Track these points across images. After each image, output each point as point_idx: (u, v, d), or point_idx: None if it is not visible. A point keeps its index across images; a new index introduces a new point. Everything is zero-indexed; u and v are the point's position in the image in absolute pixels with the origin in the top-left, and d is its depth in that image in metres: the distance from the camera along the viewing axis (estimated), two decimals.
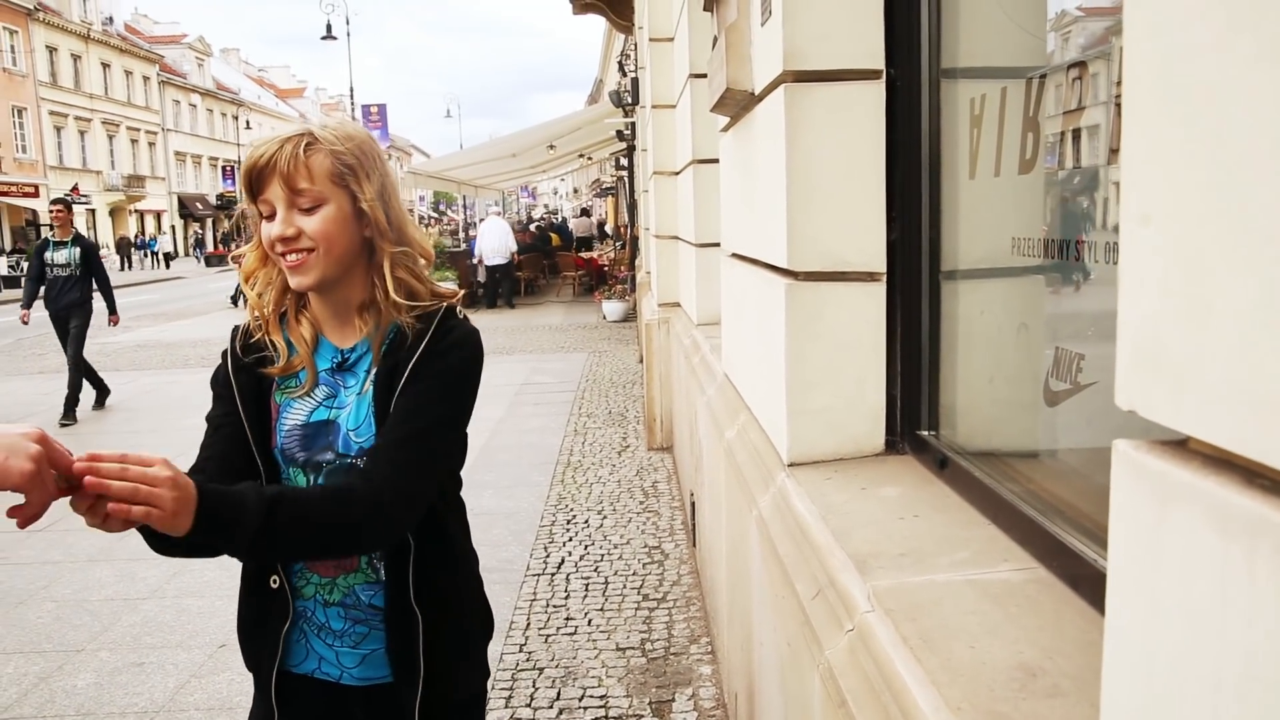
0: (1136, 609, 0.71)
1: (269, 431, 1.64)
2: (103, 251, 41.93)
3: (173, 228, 52.74)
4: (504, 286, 18.97)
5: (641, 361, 9.07)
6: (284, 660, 1.69)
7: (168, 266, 42.29)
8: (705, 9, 2.85)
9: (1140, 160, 0.70)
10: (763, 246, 2.46)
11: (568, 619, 4.14)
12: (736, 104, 2.66)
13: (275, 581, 1.65)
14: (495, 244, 18.38)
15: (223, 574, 4.78)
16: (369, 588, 1.66)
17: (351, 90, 38.30)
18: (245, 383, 1.64)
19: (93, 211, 46.11)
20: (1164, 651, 0.67)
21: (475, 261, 19.27)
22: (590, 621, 4.11)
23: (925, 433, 2.17)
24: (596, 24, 14.97)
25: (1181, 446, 0.67)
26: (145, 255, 42.34)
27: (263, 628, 1.69)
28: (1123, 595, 0.73)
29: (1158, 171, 0.68)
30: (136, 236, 45.48)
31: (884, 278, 2.17)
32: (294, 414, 1.63)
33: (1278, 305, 0.57)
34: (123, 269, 40.11)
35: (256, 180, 1.54)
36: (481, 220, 22.47)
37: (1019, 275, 1.74)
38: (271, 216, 1.55)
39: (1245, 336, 0.59)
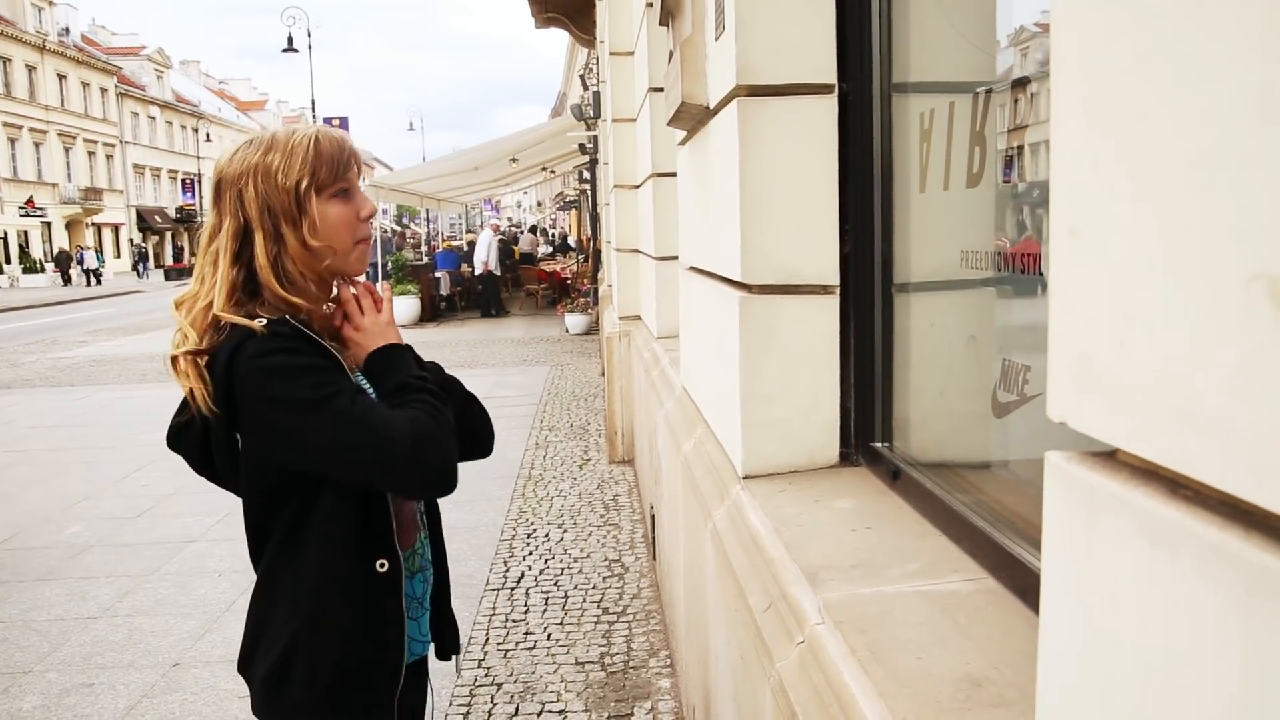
0: (1068, 618, 0.71)
1: None
2: (50, 268, 40.96)
3: (130, 241, 52.02)
4: (480, 297, 19.24)
5: (603, 374, 9.06)
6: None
7: (99, 283, 40.49)
8: (661, 23, 2.86)
9: (1069, 174, 0.71)
10: (718, 260, 2.47)
11: (527, 634, 4.12)
12: (692, 118, 2.67)
13: (383, 565, 1.59)
14: (479, 255, 18.81)
15: (177, 592, 4.71)
16: (422, 542, 1.78)
17: (313, 103, 38.02)
18: None
19: (48, 225, 45.38)
20: (1094, 660, 0.68)
21: (437, 275, 19.26)
22: (549, 636, 4.08)
23: (879, 444, 2.18)
24: (560, 38, 14.98)
25: (1111, 458, 0.67)
26: (83, 273, 40.69)
27: (386, 625, 1.61)
28: (1055, 604, 0.74)
29: (1086, 185, 0.68)
30: (77, 250, 43.96)
31: (838, 290, 2.19)
32: None
33: (1199, 319, 0.57)
34: (66, 284, 39.13)
35: (347, 161, 1.60)
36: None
37: (968, 288, 1.76)
38: (345, 195, 1.60)
39: (1168, 350, 0.60)
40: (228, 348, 1.47)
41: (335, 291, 1.69)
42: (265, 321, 1.49)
